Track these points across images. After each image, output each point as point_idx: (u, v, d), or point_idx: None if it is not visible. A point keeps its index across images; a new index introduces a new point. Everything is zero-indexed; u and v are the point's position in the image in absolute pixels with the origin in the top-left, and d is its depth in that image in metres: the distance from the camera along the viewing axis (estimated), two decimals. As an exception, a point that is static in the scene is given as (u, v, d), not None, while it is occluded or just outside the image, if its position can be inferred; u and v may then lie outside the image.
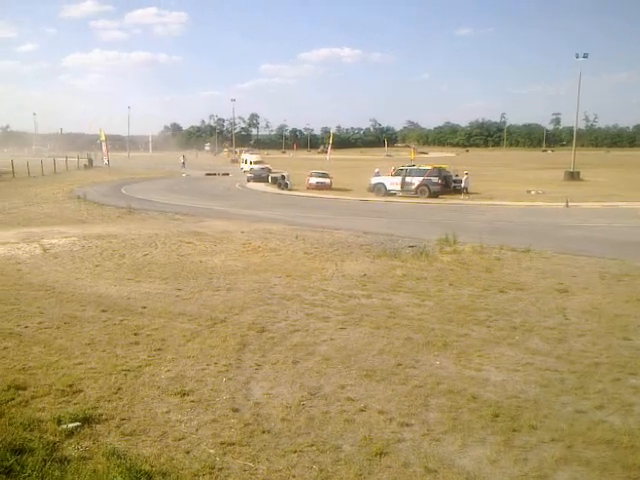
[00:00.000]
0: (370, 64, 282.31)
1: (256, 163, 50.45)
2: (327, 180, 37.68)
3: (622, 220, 21.90)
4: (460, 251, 14.11)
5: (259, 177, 45.15)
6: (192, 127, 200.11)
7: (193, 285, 10.58)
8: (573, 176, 45.68)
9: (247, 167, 50.08)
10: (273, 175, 42.21)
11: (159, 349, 7.25)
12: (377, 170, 36.89)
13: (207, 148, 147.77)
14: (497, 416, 5.54)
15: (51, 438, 4.92)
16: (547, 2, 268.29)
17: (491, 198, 31.35)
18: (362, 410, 5.67)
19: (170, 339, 7.60)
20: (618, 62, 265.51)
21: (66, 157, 58.96)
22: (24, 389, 5.95)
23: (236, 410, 5.63)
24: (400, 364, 6.85)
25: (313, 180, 37.90)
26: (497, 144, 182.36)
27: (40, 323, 8.22)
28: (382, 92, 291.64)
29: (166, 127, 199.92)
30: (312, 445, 5.03)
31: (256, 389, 6.14)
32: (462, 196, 32.17)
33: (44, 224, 18.93)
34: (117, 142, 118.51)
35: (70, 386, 6.05)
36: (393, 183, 33.21)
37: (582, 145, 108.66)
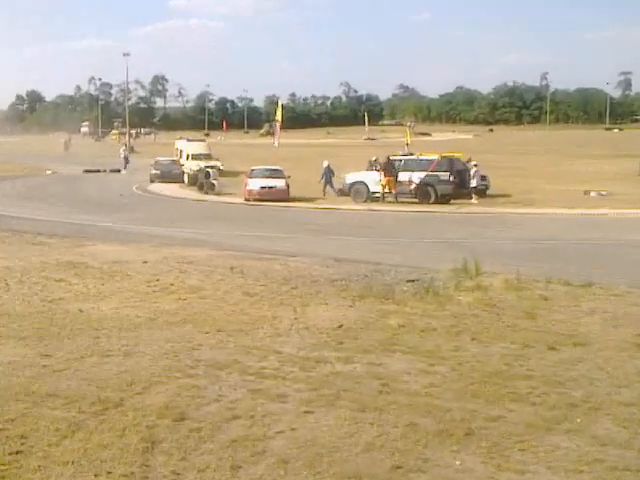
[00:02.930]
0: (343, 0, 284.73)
1: (199, 158, 47.34)
2: (280, 183, 35.69)
3: None
4: (487, 287, 14.26)
5: (169, 175, 45.22)
6: (61, 97, 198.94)
7: (69, 348, 10.44)
8: (656, 169, 46.64)
9: (188, 164, 46.85)
10: (192, 172, 41.94)
11: (17, 452, 7.10)
12: (326, 164, 37.07)
13: (85, 129, 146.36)
14: None
15: None
16: None
17: (530, 204, 31.75)
18: None
19: (35, 436, 7.47)
20: None
21: None
22: None
23: None
24: (400, 466, 6.85)
25: (255, 184, 35.44)
26: (536, 119, 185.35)
27: None
28: (361, 42, 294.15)
29: (20, 97, 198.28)
30: None
31: (174, 514, 6.07)
32: (473, 200, 32.55)
33: None
34: None
35: None
36: (380, 182, 33.42)
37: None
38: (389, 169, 33.30)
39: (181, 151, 51.25)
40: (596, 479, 6.65)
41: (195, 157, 48.08)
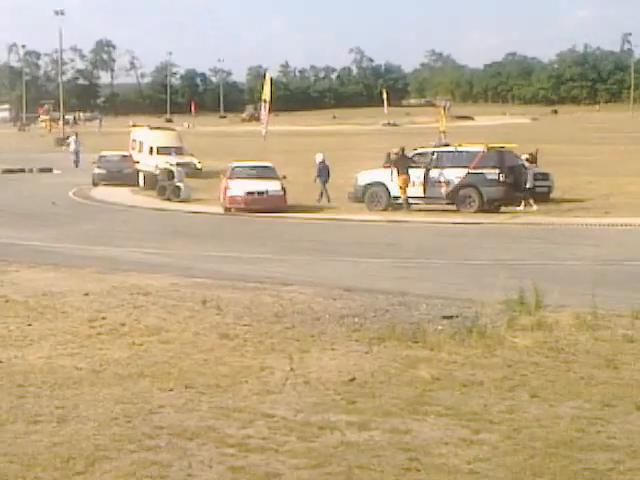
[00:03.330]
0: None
1: (167, 152, 45.15)
2: (274, 186, 34.82)
3: None
4: (551, 325, 14.01)
5: (118, 175, 45.70)
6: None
7: (-16, 412, 10.16)
8: None
9: (151, 161, 45.34)
10: (158, 172, 41.47)
11: None
12: (321, 157, 37.23)
13: (4, 114, 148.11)
14: None
15: None
16: None
17: (609, 212, 32.28)
18: None
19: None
20: None
21: None
22: None
23: None
24: None
25: (239, 187, 34.46)
26: (616, 96, 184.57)
27: None
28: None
29: None
30: None
31: None
32: (521, 207, 32.63)
33: None
34: None
35: None
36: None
37: None
38: (403, 165, 33.02)
39: (141, 143, 49.56)
40: None
41: (162, 151, 46.40)
